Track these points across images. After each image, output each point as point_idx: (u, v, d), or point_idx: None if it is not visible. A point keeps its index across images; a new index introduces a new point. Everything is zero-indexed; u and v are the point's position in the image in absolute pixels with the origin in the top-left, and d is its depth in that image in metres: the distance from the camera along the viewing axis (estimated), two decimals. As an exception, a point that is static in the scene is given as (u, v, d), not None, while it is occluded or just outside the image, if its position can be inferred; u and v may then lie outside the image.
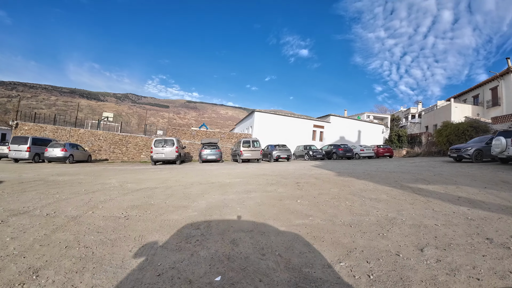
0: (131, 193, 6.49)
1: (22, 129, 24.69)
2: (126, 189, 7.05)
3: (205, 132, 25.11)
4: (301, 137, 28.16)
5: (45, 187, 7.30)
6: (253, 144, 18.48)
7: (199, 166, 15.98)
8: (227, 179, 8.83)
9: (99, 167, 14.55)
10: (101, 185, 7.74)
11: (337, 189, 6.57)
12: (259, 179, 8.82)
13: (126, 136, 23.54)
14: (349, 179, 8.41)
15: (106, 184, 8.02)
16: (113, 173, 11.50)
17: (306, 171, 11.42)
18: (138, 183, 8.23)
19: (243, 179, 8.88)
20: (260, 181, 8.18)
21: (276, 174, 10.41)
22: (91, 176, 10.11)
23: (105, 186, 7.64)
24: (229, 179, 8.96)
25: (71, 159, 18.14)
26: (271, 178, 9.05)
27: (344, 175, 9.77)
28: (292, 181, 8.20)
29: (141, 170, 12.60)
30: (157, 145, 16.80)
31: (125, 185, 7.90)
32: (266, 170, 12.22)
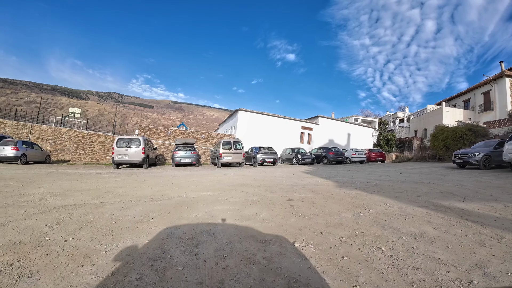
0: (34, 216, 4.21)
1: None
2: (39, 207, 4.97)
3: (183, 132, 22.58)
4: (288, 139, 25.88)
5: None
6: (235, 145, 16.14)
7: (168, 171, 13.50)
8: (191, 193, 6.46)
9: (48, 170, 11.85)
10: (15, 197, 5.67)
11: (350, 214, 4.34)
12: (236, 192, 6.52)
13: (91, 135, 20.60)
14: (358, 194, 6.21)
15: (26, 195, 5.94)
16: (53, 178, 8.96)
17: (297, 180, 9.19)
18: (65, 197, 5.90)
19: (214, 192, 6.54)
20: (237, 197, 5.89)
21: (260, 184, 8.13)
22: (20, 183, 7.91)
23: (20, 199, 5.52)
24: (195, 192, 6.60)
25: (23, 160, 15.26)
26: (252, 190, 6.76)
27: (347, 186, 7.59)
28: (281, 196, 5.94)
29: (91, 176, 10.03)
30: (120, 145, 14.24)
31: (47, 198, 5.69)
32: (248, 178, 9.91)
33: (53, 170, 12.34)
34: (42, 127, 21.35)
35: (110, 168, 14.78)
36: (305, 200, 5.49)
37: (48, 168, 13.10)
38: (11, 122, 21.42)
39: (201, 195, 6.06)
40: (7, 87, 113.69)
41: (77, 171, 11.88)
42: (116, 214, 4.35)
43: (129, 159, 14.02)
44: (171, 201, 5.39)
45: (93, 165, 17.10)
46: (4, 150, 15.00)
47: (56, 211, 4.60)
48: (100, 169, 13.85)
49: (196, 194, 6.26)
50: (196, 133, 22.61)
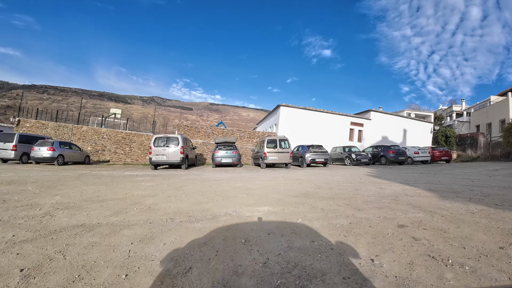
0: (19, 246, 2.48)
1: (24, 126, 21.85)
2: (35, 229, 3.74)
3: (222, 130, 21.19)
4: (336, 136, 23.20)
5: None
6: (281, 144, 14.25)
7: (208, 172, 11.95)
8: (243, 208, 4.69)
9: (81, 172, 10.87)
10: (18, 210, 4.48)
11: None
12: (305, 208, 4.67)
13: (130, 134, 19.99)
14: (484, 211, 4.01)
15: (32, 207, 4.70)
16: (79, 182, 7.70)
17: (373, 187, 7.06)
18: (79, 210, 4.56)
19: (274, 207, 4.72)
20: (313, 218, 4.04)
21: (330, 194, 6.17)
22: (39, 188, 6.77)
23: (21, 213, 4.26)
24: (247, 206, 4.81)
25: (60, 160, 14.71)
26: (328, 206, 4.85)
27: (452, 197, 5.41)
28: (380, 218, 3.97)
29: (123, 179, 8.70)
30: (157, 144, 13.03)
31: (54, 213, 4.47)
32: (306, 184, 7.96)
33: (87, 171, 11.34)
34: (83, 128, 21.12)
35: (147, 169, 13.65)
36: (425, 225, 3.43)
37: (83, 170, 12.20)
38: (52, 124, 21.46)
39: (258, 213, 4.25)
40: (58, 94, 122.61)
41: (111, 173, 10.74)
42: (133, 252, 2.67)
43: (167, 160, 12.72)
44: (217, 224, 3.65)
45: (132, 166, 16.19)
46: (40, 150, 14.53)
47: (52, 238, 3.13)
48: (136, 170, 12.72)
49: (251, 210, 4.46)
50: (236, 131, 21.10)
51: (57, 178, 8.72)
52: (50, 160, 14.49)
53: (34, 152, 14.58)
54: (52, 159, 14.45)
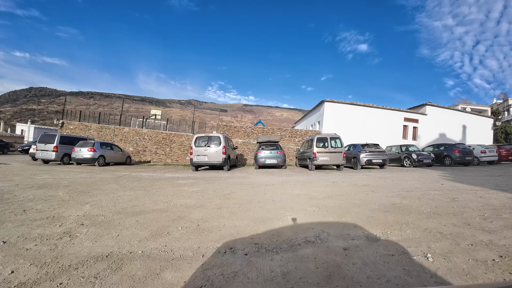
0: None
1: (67, 128, 22.35)
2: (42, 262, 2.46)
3: (262, 129, 19.94)
4: (388, 134, 20.75)
5: None
6: (332, 143, 12.60)
7: (254, 175, 10.71)
8: (326, 230, 3.32)
9: (120, 173, 10.18)
10: (34, 225, 3.62)
11: None
12: (411, 229, 3.18)
13: (170, 135, 19.47)
14: None
15: (54, 220, 3.83)
16: (117, 186, 6.81)
17: (469, 195, 5.34)
18: (108, 228, 3.54)
19: (370, 228, 3.32)
20: (454, 259, 2.51)
21: (428, 208, 4.62)
22: (71, 193, 5.93)
23: (36, 230, 3.36)
24: (326, 223, 3.46)
25: (101, 161, 14.36)
26: (438, 224, 3.33)
27: None
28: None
29: (164, 182, 7.72)
30: (198, 144, 12.05)
31: (76, 233, 3.51)
32: (381, 191, 6.41)
33: (126, 173, 10.62)
34: (125, 129, 21.01)
35: (188, 170, 12.77)
36: None
37: (123, 171, 11.56)
38: (95, 125, 21.62)
39: (353, 240, 2.89)
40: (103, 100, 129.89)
41: (151, 175, 9.90)
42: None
43: (209, 160, 11.69)
44: (303, 262, 2.31)
45: (172, 167, 15.50)
46: (81, 151, 14.26)
47: (61, 284, 1.93)
48: (177, 171, 11.85)
49: (339, 235, 3.12)
50: (277, 130, 19.75)
51: (93, 181, 7.95)
52: (91, 161, 14.19)
53: (75, 153, 14.39)
54: (93, 160, 14.13)
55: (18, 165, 12.84)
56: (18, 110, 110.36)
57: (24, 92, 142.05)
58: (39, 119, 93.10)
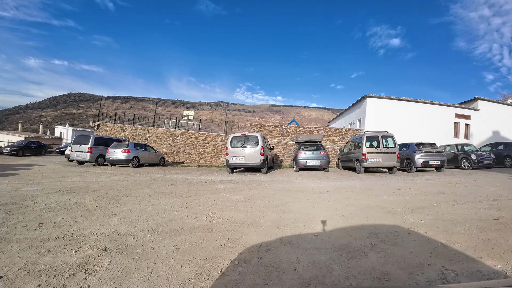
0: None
1: (103, 130, 22.56)
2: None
3: (298, 128, 18.66)
4: (437, 132, 18.37)
5: None
6: (383, 142, 11.04)
7: (298, 178, 9.59)
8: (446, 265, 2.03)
9: (154, 175, 9.49)
10: (46, 246, 2.84)
11: None
12: None
13: (203, 135, 18.77)
14: None
15: (74, 239, 3.02)
16: (150, 192, 5.99)
17: None
18: (138, 257, 2.33)
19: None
20: None
21: None
22: (98, 200, 5.14)
23: (44, 258, 2.25)
24: (448, 256, 2.15)
25: (135, 162, 13.91)
26: None
27: None
28: None
29: (201, 187, 6.81)
30: (235, 145, 11.11)
31: (95, 267, 2.09)
32: (464, 200, 5.01)
33: (160, 175, 9.91)
34: (159, 130, 20.72)
35: (223, 172, 11.89)
36: None
37: (157, 173, 10.90)
38: (130, 127, 21.56)
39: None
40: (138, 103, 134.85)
41: (186, 178, 9.09)
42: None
43: (246, 162, 10.70)
44: None
45: (206, 168, 14.77)
46: (115, 152, 13.89)
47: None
48: (212, 174, 11.00)
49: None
50: (314, 129, 18.38)
51: (125, 184, 7.23)
52: (125, 162, 13.79)
53: (109, 154, 14.08)
54: (127, 161, 13.71)
55: (52, 167, 12.67)
56: (59, 114, 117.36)
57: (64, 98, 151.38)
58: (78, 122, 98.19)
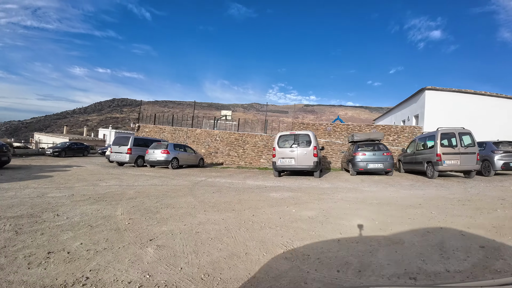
0: None
1: (143, 131, 22.43)
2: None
3: (346, 127, 16.75)
4: (507, 129, 15.69)
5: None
6: (461, 140, 9.08)
7: (364, 185, 8.04)
8: None
9: (195, 178, 8.45)
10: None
11: None
12: None
13: (243, 135, 17.57)
14: None
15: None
16: (193, 202, 4.86)
17: None
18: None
19: None
20: None
21: None
22: (134, 213, 4.08)
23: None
24: None
25: (174, 164, 13.11)
26: None
27: None
28: None
29: (252, 195, 5.55)
30: (283, 144, 9.65)
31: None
32: None
33: (202, 178, 8.83)
34: (197, 131, 20.02)
35: (268, 175, 10.60)
36: None
37: (197, 175, 9.89)
38: (169, 128, 21.12)
39: None
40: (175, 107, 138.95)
41: (231, 182, 7.90)
42: None
43: (296, 164, 9.27)
44: None
45: (247, 170, 13.59)
46: (155, 154, 13.15)
47: None
48: (257, 177, 9.75)
49: None
50: (365, 127, 16.39)
51: (164, 190, 6.17)
52: (164, 164, 13.04)
53: (148, 155, 13.41)
54: (166, 162, 12.94)
55: (91, 168, 12.20)
56: (103, 118, 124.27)
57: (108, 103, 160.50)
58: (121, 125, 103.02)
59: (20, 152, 19.21)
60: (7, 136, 49.37)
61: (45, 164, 13.26)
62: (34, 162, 14.50)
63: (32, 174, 8.90)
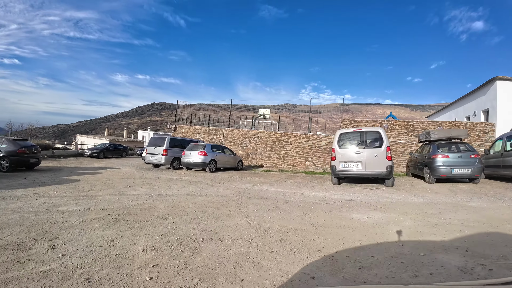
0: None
1: (179, 132, 21.64)
2: None
3: (406, 124, 14.26)
4: None
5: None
6: None
7: (468, 198, 6.06)
8: None
9: (239, 186, 6.97)
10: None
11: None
12: None
13: (285, 135, 15.62)
14: None
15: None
16: (248, 222, 3.33)
17: None
18: None
19: None
20: None
21: None
22: (164, 249, 2.48)
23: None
24: None
25: (212, 167, 11.80)
26: None
27: None
28: None
29: (330, 217, 3.89)
30: (344, 145, 7.71)
31: None
32: None
33: (246, 185, 7.31)
34: (234, 131, 18.72)
35: (322, 181, 8.88)
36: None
37: (239, 180, 8.41)
38: (205, 128, 20.07)
39: None
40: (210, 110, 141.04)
41: (283, 192, 6.29)
42: None
43: (364, 170, 7.31)
44: None
45: (292, 174, 11.92)
46: (191, 155, 11.90)
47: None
48: (311, 184, 8.06)
49: None
50: (429, 123, 13.85)
51: (204, 204, 4.69)
52: (201, 166, 11.79)
53: (184, 157, 12.20)
54: (204, 164, 11.68)
55: (125, 170, 11.23)
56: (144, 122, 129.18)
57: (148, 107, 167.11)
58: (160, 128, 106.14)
59: (59, 153, 19.13)
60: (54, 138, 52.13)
61: (79, 166, 12.62)
62: (69, 163, 13.97)
63: (58, 177, 7.98)
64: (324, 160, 13.70)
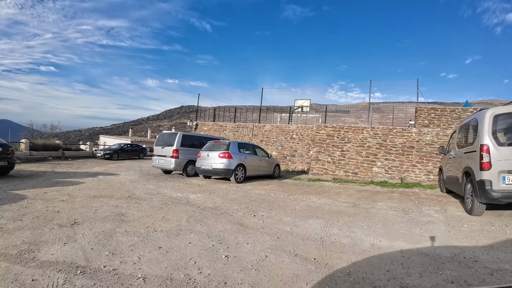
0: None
1: (201, 130, 18.18)
2: None
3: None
4: None
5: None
6: None
7: None
8: None
9: (294, 220, 3.16)
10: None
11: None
12: None
13: (341, 129, 10.98)
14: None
15: None
16: None
17: None
18: None
19: None
20: None
21: None
22: None
23: None
24: None
25: (239, 175, 8.05)
26: None
27: None
28: None
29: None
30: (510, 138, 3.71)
31: None
32: None
33: (312, 222, 3.44)
34: (266, 127, 14.92)
35: (421, 199, 4.85)
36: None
37: (287, 203, 4.60)
38: (230, 125, 16.41)
39: None
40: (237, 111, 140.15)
41: (418, 252, 2.35)
42: None
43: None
44: None
45: (359, 185, 7.87)
46: (209, 158, 8.18)
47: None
48: (424, 212, 4.10)
49: None
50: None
51: None
52: (224, 174, 8.02)
53: (200, 161, 8.50)
54: (227, 172, 7.91)
55: (122, 179, 7.57)
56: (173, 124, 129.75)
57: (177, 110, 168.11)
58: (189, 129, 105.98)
59: (70, 155, 16.32)
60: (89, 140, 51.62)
61: (71, 171, 9.31)
62: (66, 167, 10.65)
63: (11, 192, 4.54)
64: (401, 165, 9.23)
